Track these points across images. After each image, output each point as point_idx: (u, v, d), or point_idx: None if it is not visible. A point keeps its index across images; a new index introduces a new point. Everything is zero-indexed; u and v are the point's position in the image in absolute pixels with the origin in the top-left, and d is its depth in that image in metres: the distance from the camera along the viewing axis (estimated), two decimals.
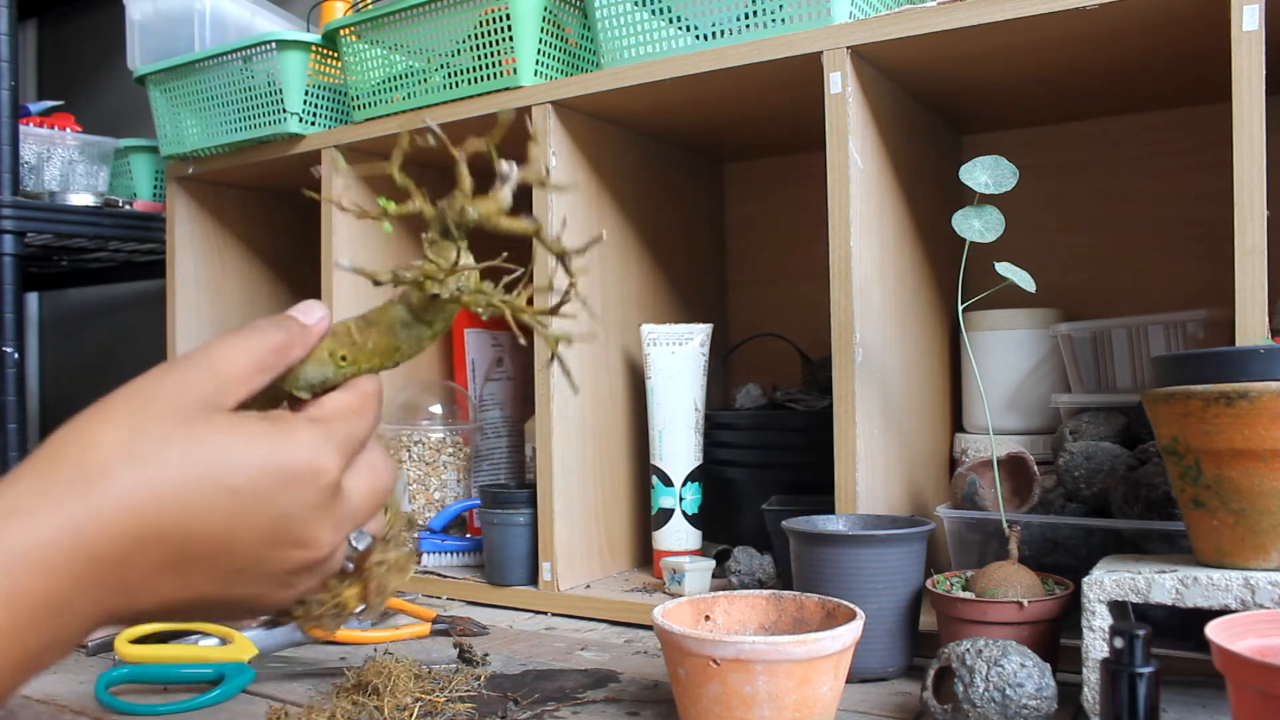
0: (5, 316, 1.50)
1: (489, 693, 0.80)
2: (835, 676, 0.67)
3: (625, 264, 1.22)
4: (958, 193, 1.17)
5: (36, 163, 1.70)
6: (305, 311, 0.49)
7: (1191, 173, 1.16)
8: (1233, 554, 0.66)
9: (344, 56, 1.26)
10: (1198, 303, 1.02)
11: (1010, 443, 1.05)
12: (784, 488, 1.11)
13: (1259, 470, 0.64)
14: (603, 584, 1.12)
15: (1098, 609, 0.68)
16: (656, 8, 1.04)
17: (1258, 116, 0.76)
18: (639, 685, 0.82)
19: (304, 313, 0.49)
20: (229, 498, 0.41)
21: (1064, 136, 1.23)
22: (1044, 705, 0.66)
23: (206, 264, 1.58)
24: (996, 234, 0.84)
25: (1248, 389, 0.63)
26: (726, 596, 0.78)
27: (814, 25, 0.95)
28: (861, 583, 0.80)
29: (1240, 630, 0.57)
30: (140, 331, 2.27)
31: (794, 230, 1.41)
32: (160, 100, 1.43)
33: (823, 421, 0.97)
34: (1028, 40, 0.93)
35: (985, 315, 1.11)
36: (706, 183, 1.43)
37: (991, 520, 0.90)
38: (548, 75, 1.13)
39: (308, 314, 0.49)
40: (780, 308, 1.41)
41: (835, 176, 0.95)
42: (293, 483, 0.43)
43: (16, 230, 1.51)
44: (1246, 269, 0.76)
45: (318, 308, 0.50)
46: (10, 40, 1.51)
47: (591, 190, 1.17)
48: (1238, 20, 0.77)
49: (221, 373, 0.44)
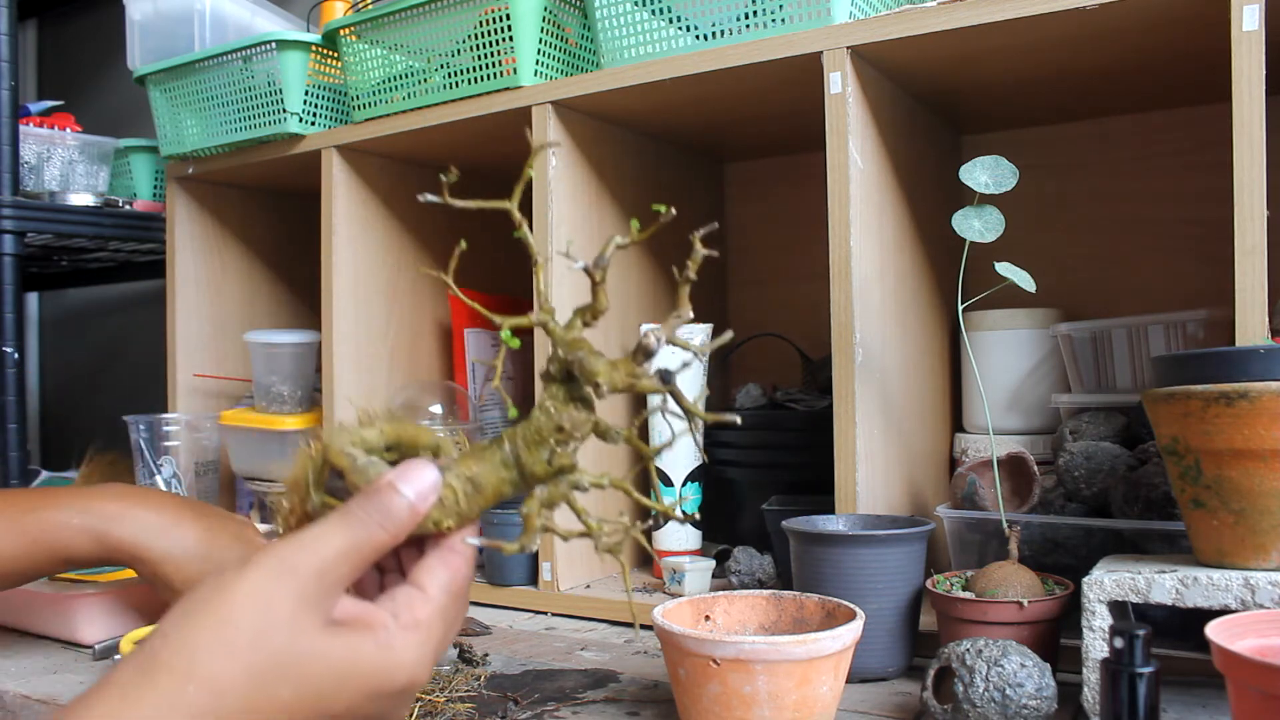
0: (5, 316, 1.50)
1: (489, 693, 0.80)
2: (835, 676, 0.67)
3: (625, 264, 1.22)
4: (958, 193, 1.17)
5: (36, 163, 1.70)
6: (417, 488, 0.48)
7: (1191, 173, 1.16)
8: (1233, 554, 0.66)
9: (344, 56, 1.26)
10: (1198, 303, 1.02)
11: (1010, 443, 1.05)
12: (784, 488, 1.11)
13: (1259, 470, 0.64)
14: (603, 584, 1.12)
15: (1098, 609, 0.68)
16: (656, 8, 1.04)
17: (1258, 116, 0.76)
18: (639, 685, 0.82)
19: (416, 491, 0.48)
20: None
21: (1064, 136, 1.23)
22: (1044, 705, 0.66)
23: (206, 264, 1.58)
24: (996, 234, 0.84)
25: (1248, 389, 0.63)
26: (726, 596, 0.78)
27: (814, 25, 0.95)
28: (861, 583, 0.80)
29: (1240, 630, 0.57)
30: (140, 331, 2.27)
31: (794, 230, 1.41)
32: (160, 100, 1.43)
33: (823, 421, 0.97)
34: (1028, 40, 0.93)
35: (985, 315, 1.11)
36: (706, 183, 1.43)
37: (991, 520, 0.90)
38: (548, 75, 1.13)
39: (421, 495, 0.48)
40: (780, 308, 1.41)
41: (835, 176, 0.95)
42: (391, 698, 0.46)
43: (16, 230, 1.51)
44: (1246, 269, 0.76)
45: (429, 479, 0.48)
46: (10, 40, 1.51)
47: (591, 190, 1.17)
48: (1238, 20, 0.77)
49: (326, 581, 0.45)
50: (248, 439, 1.41)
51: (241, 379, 1.56)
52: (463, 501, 0.49)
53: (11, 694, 0.83)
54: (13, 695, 0.83)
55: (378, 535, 0.46)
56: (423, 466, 0.48)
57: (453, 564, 0.49)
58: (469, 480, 0.49)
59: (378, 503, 0.47)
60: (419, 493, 0.47)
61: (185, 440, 1.47)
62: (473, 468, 0.49)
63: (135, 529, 0.76)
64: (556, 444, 0.49)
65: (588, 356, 0.48)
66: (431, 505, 0.48)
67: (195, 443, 1.48)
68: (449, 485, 0.49)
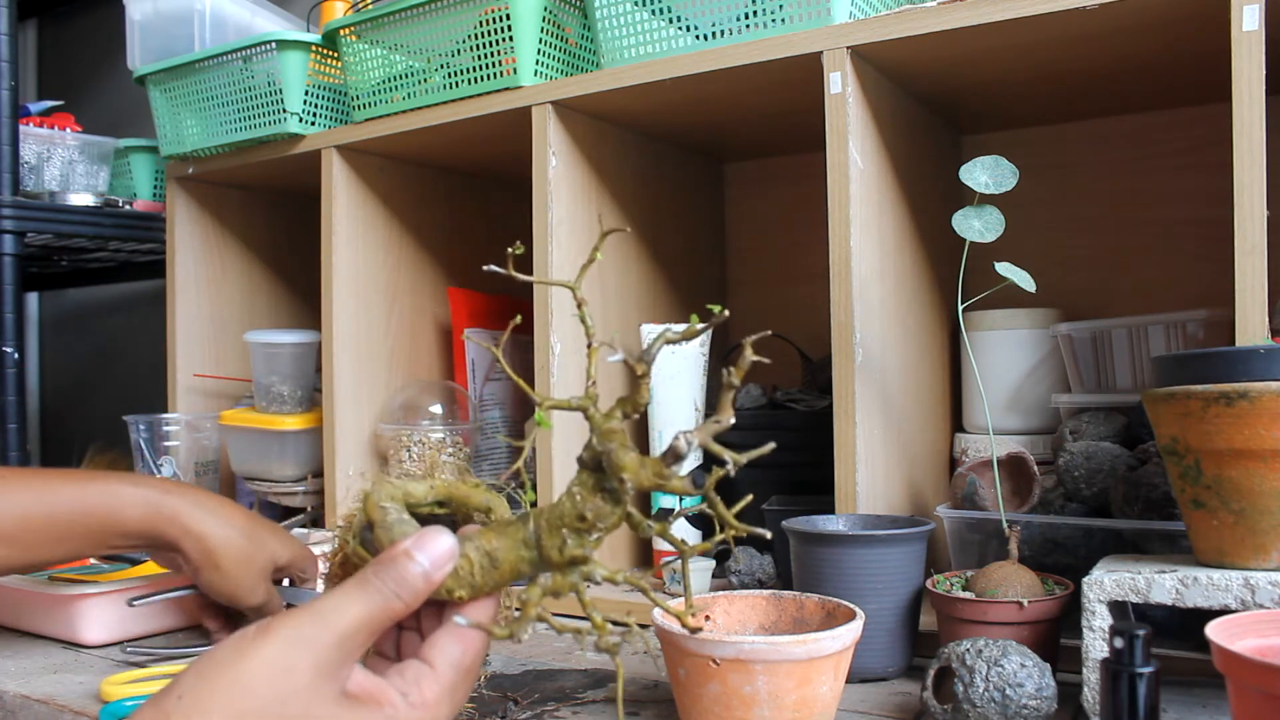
0: (5, 316, 1.50)
1: (489, 693, 0.80)
2: (835, 676, 0.67)
3: (625, 264, 1.22)
4: (958, 193, 1.17)
5: (36, 163, 1.70)
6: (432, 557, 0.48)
7: (1191, 173, 1.16)
8: (1233, 554, 0.66)
9: (344, 56, 1.26)
10: (1198, 303, 1.02)
11: (1010, 443, 1.05)
12: (784, 488, 1.11)
13: (1259, 470, 0.64)
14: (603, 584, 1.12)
15: (1098, 609, 0.68)
16: (656, 8, 1.04)
17: (1258, 116, 0.76)
18: (639, 685, 0.82)
19: (431, 559, 0.48)
20: None
21: (1064, 136, 1.23)
22: (1044, 705, 0.66)
23: (206, 264, 1.58)
24: (996, 234, 0.84)
25: (1248, 389, 0.63)
26: (726, 596, 0.78)
27: (814, 25, 0.95)
28: (861, 583, 0.80)
29: (1240, 630, 0.57)
30: (140, 331, 2.27)
31: (794, 230, 1.41)
32: (160, 100, 1.43)
33: (823, 421, 0.97)
34: (1028, 40, 0.93)
35: (985, 315, 1.11)
36: (706, 183, 1.43)
37: (991, 520, 0.90)
38: (548, 75, 1.13)
39: (436, 564, 0.48)
40: (780, 308, 1.41)
41: (835, 176, 0.95)
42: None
43: (16, 230, 1.51)
44: (1246, 269, 0.76)
45: (444, 547, 0.49)
46: (10, 40, 1.51)
47: (591, 190, 1.17)
48: (1238, 20, 0.77)
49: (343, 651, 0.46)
50: (248, 439, 1.41)
51: (241, 379, 1.56)
52: (478, 574, 0.49)
53: (11, 694, 0.83)
54: (13, 695, 0.83)
55: (393, 604, 0.47)
56: (439, 535, 0.49)
57: (465, 639, 0.49)
58: (487, 554, 0.49)
59: (393, 570, 0.48)
60: (434, 561, 0.48)
61: (185, 440, 1.47)
62: (493, 542, 0.50)
63: (186, 503, 0.79)
64: (577, 532, 0.48)
65: (618, 450, 0.47)
66: (447, 575, 0.49)
67: (195, 443, 1.48)
68: (466, 556, 0.49)
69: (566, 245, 1.12)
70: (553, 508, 0.49)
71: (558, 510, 0.49)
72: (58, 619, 0.96)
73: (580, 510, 0.48)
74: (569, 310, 1.11)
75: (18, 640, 0.98)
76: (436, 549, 0.48)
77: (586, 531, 0.48)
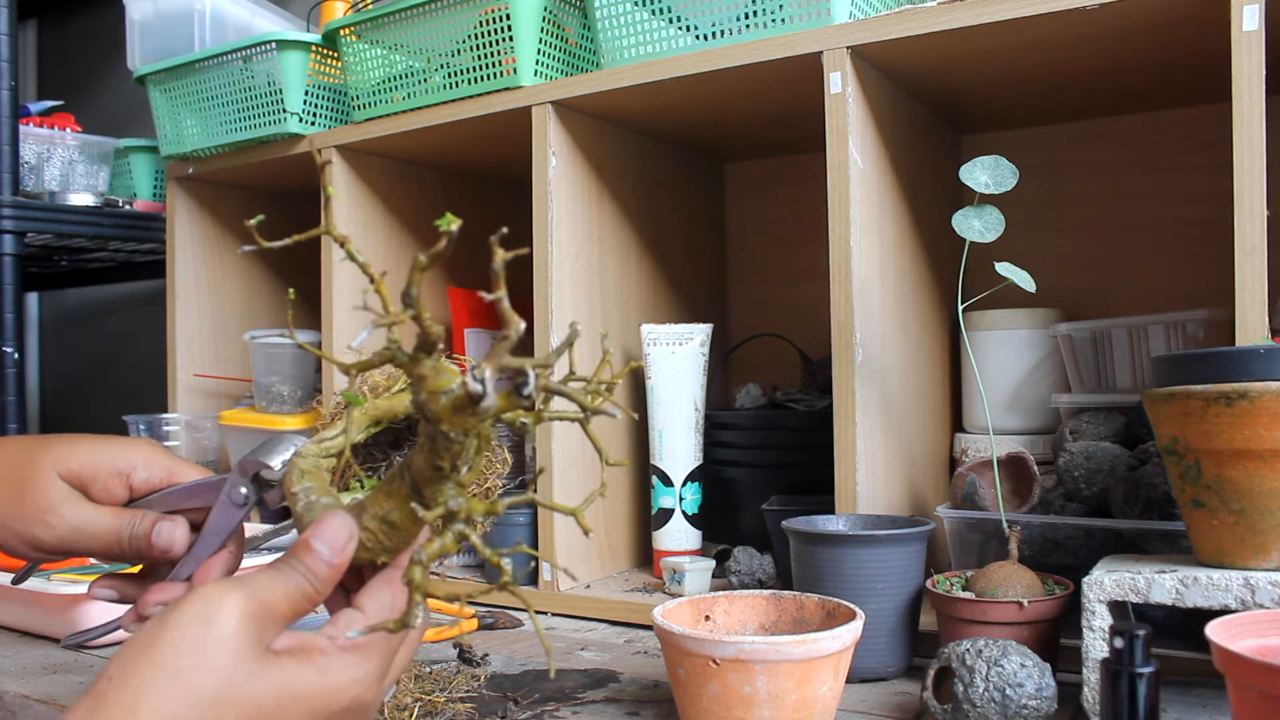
0: (5, 316, 1.50)
1: (489, 693, 0.80)
2: (835, 676, 0.67)
3: (625, 264, 1.22)
4: (958, 193, 1.17)
5: (36, 163, 1.70)
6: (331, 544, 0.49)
7: (1191, 173, 1.16)
8: (1233, 554, 0.66)
9: (344, 56, 1.26)
10: (1198, 303, 1.02)
11: (1010, 443, 1.05)
12: (784, 488, 1.11)
13: (1259, 470, 0.64)
14: (603, 584, 1.12)
15: (1098, 609, 0.68)
16: (656, 8, 1.04)
17: (1258, 116, 0.76)
18: (639, 685, 0.82)
19: (330, 547, 0.49)
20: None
21: (1064, 136, 1.23)
22: (1044, 705, 0.66)
23: (206, 264, 1.58)
24: (996, 234, 0.84)
25: (1248, 389, 0.63)
26: (726, 596, 0.78)
27: (814, 25, 0.95)
28: (861, 583, 0.80)
29: (1240, 630, 0.57)
30: (140, 331, 2.27)
31: (794, 230, 1.41)
32: (160, 100, 1.43)
33: (823, 421, 0.97)
34: (1028, 40, 0.93)
35: (985, 315, 1.11)
36: (706, 183, 1.43)
37: (991, 520, 0.90)
38: (548, 75, 1.13)
39: (336, 550, 0.49)
40: (780, 308, 1.41)
41: (835, 176, 0.95)
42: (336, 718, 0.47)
43: (16, 230, 1.51)
44: (1246, 269, 0.76)
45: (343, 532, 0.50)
46: (10, 40, 1.51)
47: (591, 190, 1.17)
48: (1238, 20, 0.77)
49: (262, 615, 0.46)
50: (248, 439, 1.41)
51: (241, 379, 1.56)
52: (385, 539, 0.49)
53: (11, 694, 0.83)
54: (13, 695, 0.83)
55: (308, 590, 0.49)
56: (335, 520, 0.50)
57: (395, 582, 0.51)
58: (382, 520, 0.50)
59: (304, 559, 0.49)
60: (332, 548, 0.49)
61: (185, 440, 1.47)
62: (384, 505, 0.50)
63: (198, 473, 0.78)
64: (442, 480, 0.47)
65: (428, 400, 0.46)
66: (351, 554, 0.50)
67: (195, 443, 1.48)
68: (366, 528, 0.50)
69: (566, 245, 1.12)
70: (412, 456, 0.48)
71: (415, 464, 0.48)
72: (58, 619, 0.96)
73: (433, 462, 0.47)
74: (569, 311, 1.12)
75: (18, 640, 0.98)
76: (335, 537, 0.50)
77: (446, 478, 0.47)
